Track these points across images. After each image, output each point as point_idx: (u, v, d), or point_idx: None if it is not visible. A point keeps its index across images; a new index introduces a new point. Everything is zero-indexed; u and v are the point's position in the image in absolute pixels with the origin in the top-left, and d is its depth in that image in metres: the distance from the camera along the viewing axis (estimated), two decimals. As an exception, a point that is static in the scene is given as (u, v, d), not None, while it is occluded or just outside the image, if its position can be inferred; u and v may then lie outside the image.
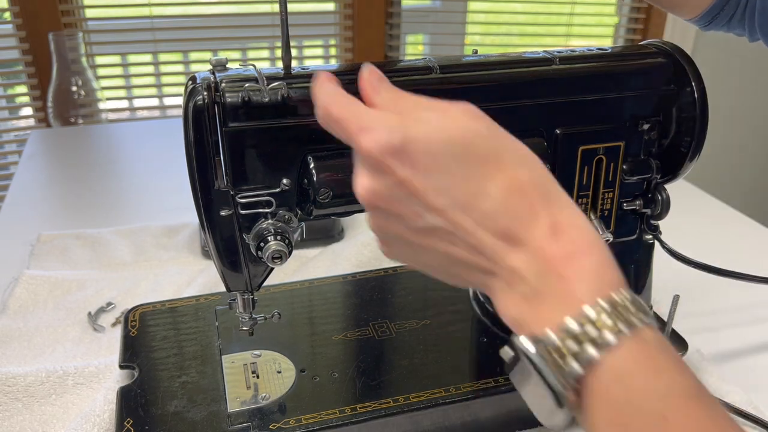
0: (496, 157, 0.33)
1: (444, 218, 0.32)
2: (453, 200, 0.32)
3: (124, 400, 0.53)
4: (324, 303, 0.67)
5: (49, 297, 0.73)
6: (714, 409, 0.28)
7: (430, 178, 0.32)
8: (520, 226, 0.32)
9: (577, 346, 0.29)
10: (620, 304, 0.29)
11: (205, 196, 0.46)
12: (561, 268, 0.31)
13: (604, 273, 0.31)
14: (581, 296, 0.30)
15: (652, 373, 0.28)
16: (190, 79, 0.45)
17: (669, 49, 0.54)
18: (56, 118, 1.42)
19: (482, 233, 0.32)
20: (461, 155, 0.32)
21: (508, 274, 0.32)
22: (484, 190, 0.32)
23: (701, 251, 0.66)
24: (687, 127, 0.54)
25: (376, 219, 0.36)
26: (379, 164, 0.33)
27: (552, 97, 0.51)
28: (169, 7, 1.67)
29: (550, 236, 0.31)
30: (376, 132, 0.32)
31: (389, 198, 0.33)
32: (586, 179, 0.54)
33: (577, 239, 0.31)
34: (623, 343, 0.28)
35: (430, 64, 0.48)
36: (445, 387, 0.54)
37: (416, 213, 0.33)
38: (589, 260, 0.31)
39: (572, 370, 0.29)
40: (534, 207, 0.32)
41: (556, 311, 0.30)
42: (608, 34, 1.97)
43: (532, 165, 0.34)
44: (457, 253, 0.33)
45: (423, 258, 0.36)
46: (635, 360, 0.28)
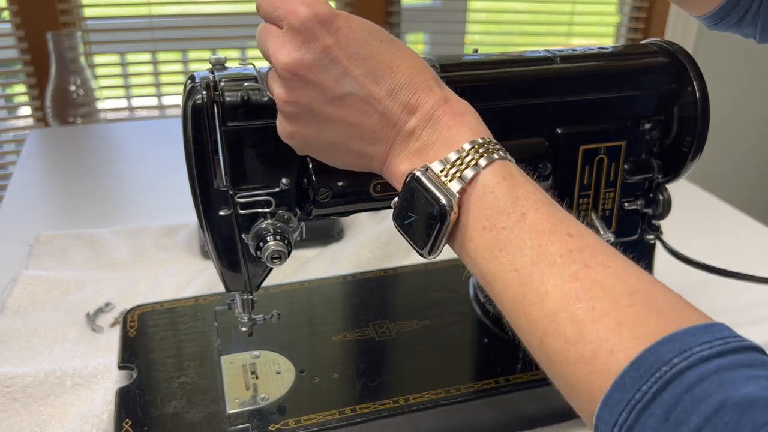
0: (399, 42, 0.39)
1: (360, 86, 0.37)
2: (369, 69, 0.37)
3: (122, 401, 0.53)
4: (324, 303, 0.67)
5: (47, 297, 0.73)
6: (561, 211, 0.35)
7: (351, 48, 0.37)
8: (420, 98, 0.37)
9: (457, 170, 0.35)
10: (491, 142, 0.36)
11: (204, 195, 0.46)
12: (448, 122, 0.37)
13: (480, 127, 0.38)
14: (462, 137, 0.36)
15: (514, 185, 0.35)
16: (189, 78, 0.45)
17: (670, 48, 0.54)
18: (55, 118, 1.42)
19: (390, 101, 0.37)
20: (375, 33, 0.38)
21: (405, 137, 0.38)
22: (395, 64, 0.37)
23: (702, 251, 0.66)
24: (688, 127, 0.54)
25: (292, 90, 0.39)
26: (310, 31, 0.37)
27: (553, 96, 0.51)
28: (168, 7, 1.67)
29: (441, 103, 0.37)
30: (311, 3, 0.37)
31: (312, 64, 0.37)
32: (588, 179, 0.53)
33: (460, 105, 0.38)
34: (492, 166, 0.35)
35: (430, 62, 0.48)
36: (445, 388, 0.54)
37: (335, 80, 0.37)
38: (469, 118, 0.38)
39: (453, 186, 0.35)
40: (429, 82, 0.38)
41: (442, 151, 0.37)
42: (609, 34, 1.97)
43: (422, 59, 0.40)
44: (367, 122, 0.38)
45: (329, 132, 0.39)
46: (502, 176, 0.35)
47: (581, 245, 0.33)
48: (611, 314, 0.30)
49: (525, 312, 0.33)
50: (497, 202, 0.34)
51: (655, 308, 0.30)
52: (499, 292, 0.34)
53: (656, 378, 0.27)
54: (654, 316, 0.29)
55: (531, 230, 0.33)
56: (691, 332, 0.28)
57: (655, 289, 0.31)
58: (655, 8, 1.86)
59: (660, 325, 0.29)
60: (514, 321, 0.34)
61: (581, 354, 0.30)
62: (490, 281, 0.35)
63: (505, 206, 0.34)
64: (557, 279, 0.32)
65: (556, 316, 0.31)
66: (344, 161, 0.41)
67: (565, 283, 0.32)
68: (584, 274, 0.32)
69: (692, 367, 0.27)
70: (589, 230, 0.35)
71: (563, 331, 0.31)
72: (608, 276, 0.31)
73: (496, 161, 0.35)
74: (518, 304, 0.33)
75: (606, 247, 0.33)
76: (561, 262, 0.32)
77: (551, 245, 0.33)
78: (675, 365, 0.27)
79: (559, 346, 0.31)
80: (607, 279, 0.31)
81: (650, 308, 0.30)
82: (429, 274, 0.71)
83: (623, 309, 0.30)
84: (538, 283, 0.32)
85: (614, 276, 0.31)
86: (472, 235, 0.35)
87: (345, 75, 0.37)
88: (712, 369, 0.27)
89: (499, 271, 0.34)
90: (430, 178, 0.36)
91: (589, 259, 0.32)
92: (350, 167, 0.41)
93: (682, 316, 0.30)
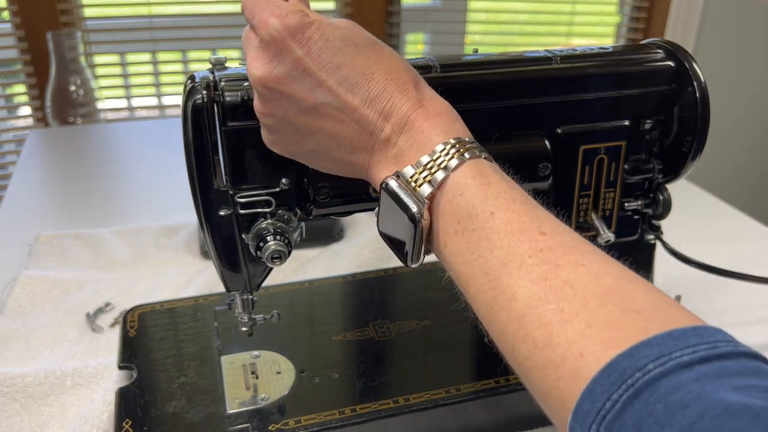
0: (376, 44, 0.38)
1: (334, 95, 0.36)
2: (342, 77, 0.36)
3: (122, 401, 0.53)
4: (324, 303, 0.67)
5: (47, 297, 0.72)
6: (535, 209, 0.33)
7: (323, 58, 0.36)
8: (394, 104, 0.36)
9: (428, 173, 0.34)
10: (465, 141, 0.35)
11: (204, 195, 0.46)
12: (422, 125, 0.36)
13: (454, 126, 0.36)
14: (435, 140, 0.35)
15: (485, 185, 0.34)
16: (189, 78, 0.44)
17: (670, 48, 0.54)
18: (55, 118, 1.42)
19: (366, 109, 0.36)
20: (350, 39, 0.37)
21: (383, 144, 0.37)
22: (370, 70, 0.36)
23: (703, 251, 0.66)
24: (688, 127, 0.53)
25: (266, 103, 0.39)
26: (279, 43, 0.36)
27: (553, 96, 0.51)
28: (168, 6, 1.67)
29: (416, 107, 0.36)
30: (280, 14, 0.37)
31: (284, 77, 0.37)
32: (588, 179, 0.53)
33: (436, 106, 0.37)
34: (464, 165, 0.34)
35: (430, 63, 0.48)
36: (445, 388, 0.54)
37: (308, 90, 0.37)
38: (443, 118, 0.36)
39: (424, 190, 0.34)
40: (405, 86, 0.37)
41: (415, 156, 0.36)
42: (609, 33, 1.97)
43: (402, 58, 0.39)
44: (344, 131, 0.37)
45: (308, 142, 0.39)
46: (473, 176, 0.34)
47: (553, 244, 0.31)
48: (580, 315, 0.28)
49: (496, 317, 0.31)
50: (467, 203, 0.33)
51: (632, 308, 0.28)
52: (474, 298, 0.33)
53: (627, 386, 0.25)
54: (630, 317, 0.27)
55: (500, 230, 0.32)
56: (675, 335, 0.26)
57: (636, 288, 0.29)
58: (655, 8, 1.86)
59: (636, 327, 0.27)
60: (488, 327, 0.33)
61: (550, 359, 0.28)
62: (465, 286, 0.34)
63: (474, 207, 0.33)
64: (525, 280, 0.30)
65: (525, 319, 0.30)
66: (330, 168, 0.41)
67: (534, 284, 0.30)
68: (554, 273, 0.30)
69: (668, 374, 0.24)
70: (566, 227, 0.33)
71: (532, 335, 0.29)
72: (581, 275, 0.29)
73: (467, 161, 0.34)
74: (490, 308, 0.32)
75: (583, 244, 0.32)
76: (530, 262, 0.31)
77: (520, 245, 0.31)
78: (649, 371, 0.25)
79: (529, 351, 0.29)
80: (579, 278, 0.29)
81: (625, 308, 0.28)
82: (429, 274, 0.71)
83: (594, 309, 0.28)
84: (507, 286, 0.31)
85: (588, 274, 0.30)
86: (445, 240, 0.34)
87: (318, 85, 0.36)
88: (691, 377, 0.24)
89: (472, 275, 0.33)
90: (401, 185, 0.35)
91: (560, 257, 0.31)
92: (339, 173, 0.41)
93: (665, 317, 0.27)
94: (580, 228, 0.55)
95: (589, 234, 0.55)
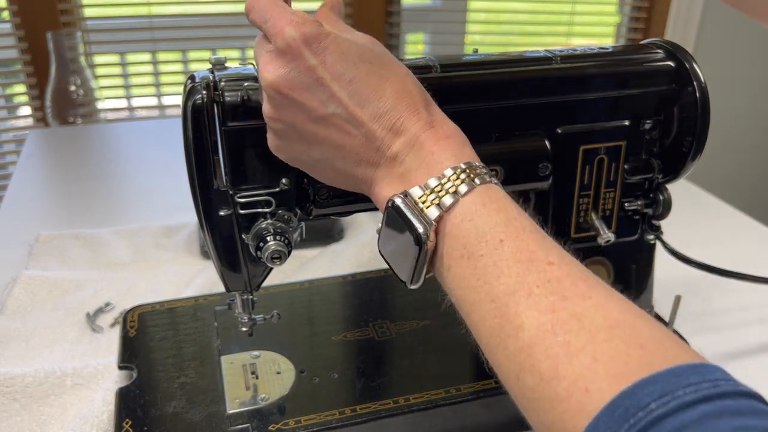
0: (392, 63, 0.38)
1: (344, 108, 0.37)
2: (353, 90, 0.36)
3: (122, 401, 0.53)
4: (324, 303, 0.67)
5: (47, 297, 0.72)
6: (544, 239, 0.33)
7: (337, 69, 0.37)
8: (404, 122, 0.37)
9: (436, 196, 0.34)
10: (474, 166, 0.35)
11: (204, 195, 0.46)
12: (432, 147, 0.36)
13: (464, 150, 0.37)
14: (445, 163, 0.35)
15: (495, 211, 0.34)
16: (189, 78, 0.44)
17: (670, 48, 0.54)
18: (55, 118, 1.42)
19: (374, 124, 0.37)
20: (365, 55, 0.37)
21: (389, 161, 0.37)
22: (382, 87, 0.37)
23: (703, 251, 0.66)
24: (688, 127, 0.53)
25: (276, 108, 0.39)
26: (295, 51, 0.37)
27: (553, 96, 0.51)
28: (168, 6, 1.67)
29: (427, 128, 0.37)
30: (298, 23, 0.37)
31: (297, 84, 0.37)
32: (588, 179, 0.53)
33: (446, 129, 0.37)
34: (474, 191, 0.34)
35: (430, 63, 0.48)
36: (445, 388, 0.54)
37: (319, 100, 0.37)
38: (453, 141, 0.37)
39: (432, 213, 0.34)
40: (416, 106, 0.37)
41: (424, 177, 0.36)
42: (609, 33, 1.97)
43: (415, 79, 0.39)
44: (350, 143, 0.37)
45: (314, 151, 0.39)
46: (483, 203, 0.34)
47: (561, 274, 0.31)
48: (587, 349, 0.28)
49: (502, 345, 0.31)
50: (476, 229, 0.33)
51: (637, 343, 0.28)
52: (477, 324, 0.33)
53: (630, 425, 0.25)
54: (635, 352, 0.27)
55: (509, 258, 0.32)
56: (677, 372, 0.26)
57: (641, 323, 0.29)
58: (655, 8, 1.86)
59: (641, 363, 0.27)
60: (492, 355, 0.32)
61: (556, 392, 0.28)
62: (468, 312, 0.34)
63: (483, 233, 0.33)
64: (533, 310, 0.30)
65: (532, 349, 0.30)
66: (332, 179, 0.41)
67: (542, 315, 0.30)
68: (562, 305, 0.30)
69: (672, 414, 0.24)
70: (572, 258, 0.33)
71: (538, 367, 0.29)
72: (588, 308, 0.29)
73: (477, 187, 0.34)
74: (495, 336, 0.32)
75: (589, 276, 0.32)
76: (538, 293, 0.31)
77: (529, 274, 0.31)
78: (652, 411, 0.25)
79: (535, 382, 0.29)
80: (586, 311, 0.29)
81: (631, 343, 0.28)
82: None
83: (600, 343, 0.28)
84: (514, 315, 0.31)
85: (594, 307, 0.29)
86: (449, 264, 0.34)
87: (330, 96, 0.37)
88: (694, 416, 0.24)
89: (477, 301, 0.33)
90: (408, 205, 0.35)
91: (568, 289, 0.30)
92: (341, 186, 0.41)
93: (668, 353, 0.27)
94: (580, 228, 0.55)
95: (589, 234, 0.55)
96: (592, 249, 0.56)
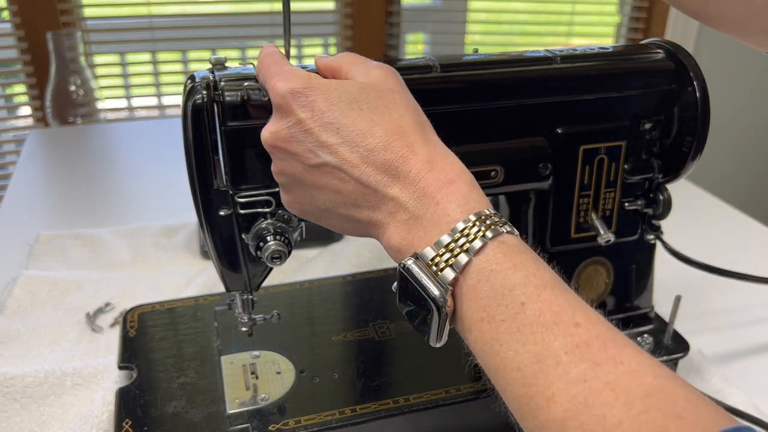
0: (385, 108, 0.38)
1: (334, 154, 0.37)
2: (342, 138, 0.37)
3: (122, 401, 0.53)
4: (324, 303, 0.67)
5: (47, 297, 0.72)
6: (566, 294, 0.32)
7: (324, 119, 0.37)
8: (400, 162, 0.36)
9: (450, 255, 0.33)
10: (485, 215, 0.34)
11: (204, 195, 0.46)
12: (436, 195, 0.35)
13: (471, 195, 0.35)
14: (453, 215, 0.34)
15: (512, 269, 0.32)
16: (189, 78, 0.44)
17: (671, 48, 0.54)
18: (55, 118, 1.42)
19: (366, 166, 0.36)
20: (354, 102, 0.38)
21: (390, 204, 0.36)
22: (371, 131, 0.37)
23: (703, 251, 0.66)
24: (688, 127, 0.53)
25: (277, 162, 0.40)
26: (283, 106, 0.38)
27: (553, 96, 0.51)
28: (168, 6, 1.67)
29: (426, 169, 0.36)
30: (286, 79, 0.38)
31: (288, 137, 0.38)
32: (588, 179, 0.53)
33: (449, 170, 0.36)
34: (487, 246, 0.33)
35: (430, 63, 0.48)
36: (445, 388, 0.54)
37: (310, 150, 0.38)
38: (458, 186, 0.35)
39: (447, 275, 0.33)
40: (413, 145, 0.36)
41: (433, 232, 0.34)
42: (609, 33, 1.97)
43: (415, 113, 0.39)
44: (346, 188, 0.37)
45: (318, 199, 0.39)
46: (497, 260, 0.33)
47: (589, 337, 0.30)
48: (624, 424, 0.27)
49: (532, 414, 0.30)
50: (493, 291, 0.32)
51: (674, 412, 0.27)
52: (504, 389, 0.32)
53: None
54: (673, 423, 0.26)
55: (533, 323, 0.31)
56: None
57: (674, 387, 0.28)
58: (656, 8, 1.86)
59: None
60: (522, 422, 0.31)
61: None
62: (493, 376, 0.32)
63: (503, 296, 0.32)
64: (563, 381, 0.29)
65: (566, 424, 0.28)
66: (344, 228, 0.41)
67: (573, 386, 0.29)
68: (593, 374, 0.29)
69: None
70: (598, 315, 0.32)
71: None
72: (620, 375, 0.28)
73: (489, 243, 0.33)
74: (524, 405, 0.31)
75: (617, 336, 0.30)
76: (567, 360, 0.29)
77: (555, 340, 0.30)
78: None
79: None
80: (620, 379, 0.28)
81: (668, 413, 0.27)
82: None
83: (637, 416, 0.27)
84: (544, 386, 0.29)
85: (627, 375, 0.28)
86: (470, 326, 0.33)
87: (319, 146, 0.37)
88: None
89: (502, 367, 0.31)
90: (421, 268, 0.34)
91: (598, 354, 0.29)
92: (353, 234, 0.41)
93: (706, 420, 0.27)
94: (580, 228, 0.55)
95: (589, 234, 0.55)
96: (592, 249, 0.56)
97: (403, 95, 0.39)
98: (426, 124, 0.39)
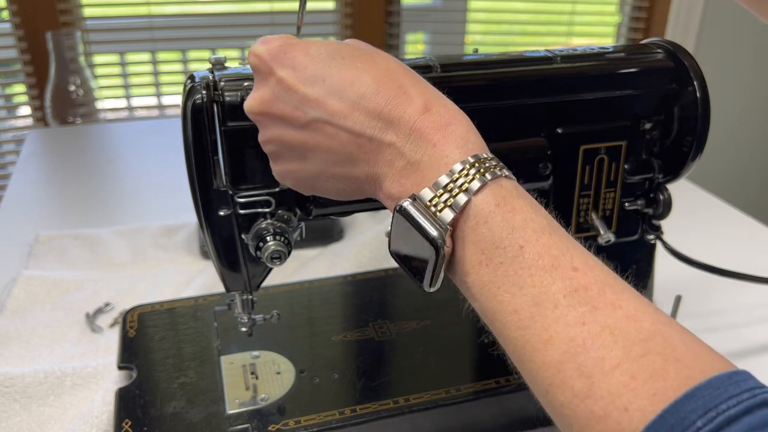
0: (369, 57, 0.37)
1: (321, 108, 0.35)
2: (328, 89, 0.35)
3: (122, 401, 0.53)
4: (323, 303, 0.67)
5: (47, 297, 0.72)
6: (565, 239, 0.32)
7: (306, 73, 0.36)
8: (392, 106, 0.34)
9: (449, 196, 0.32)
10: (484, 158, 0.33)
11: (204, 195, 0.46)
12: (433, 137, 0.34)
13: (469, 137, 0.34)
14: (451, 156, 0.33)
15: (511, 213, 0.32)
16: (188, 77, 0.44)
17: (671, 47, 0.54)
18: (54, 118, 1.42)
19: (358, 114, 0.35)
20: (337, 52, 0.36)
21: (387, 152, 0.35)
22: (358, 78, 0.35)
23: (703, 251, 0.66)
24: (689, 127, 0.53)
25: (263, 130, 0.39)
26: (263, 69, 0.37)
27: (553, 96, 0.51)
28: (168, 6, 1.67)
29: (421, 112, 0.34)
30: (264, 41, 0.38)
31: (271, 99, 0.37)
32: (588, 179, 0.53)
33: (445, 113, 0.35)
34: (486, 188, 0.32)
35: (430, 62, 0.48)
36: (445, 388, 0.54)
37: (296, 107, 0.36)
38: (456, 128, 0.34)
39: (446, 216, 0.32)
40: (404, 88, 0.35)
41: (430, 174, 0.33)
42: (610, 33, 1.97)
43: (399, 62, 0.38)
44: (339, 142, 0.36)
45: (310, 162, 0.38)
46: (496, 202, 0.32)
47: (588, 282, 0.30)
48: (623, 365, 0.27)
49: (528, 358, 0.30)
50: (491, 234, 0.31)
51: (673, 356, 0.27)
52: (500, 333, 0.32)
53: None
54: (672, 366, 0.26)
55: (531, 266, 0.30)
56: (715, 385, 0.26)
57: (672, 332, 0.28)
58: (656, 8, 1.86)
59: (680, 377, 0.26)
60: (518, 365, 0.31)
61: (591, 410, 0.27)
62: (490, 320, 0.32)
63: (501, 239, 0.31)
64: (561, 324, 0.29)
65: (563, 366, 0.28)
66: (339, 191, 0.39)
67: (571, 329, 0.29)
68: (591, 317, 0.29)
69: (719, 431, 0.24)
70: (596, 260, 0.31)
71: (570, 384, 0.28)
72: (619, 319, 0.28)
73: (488, 184, 0.32)
74: (520, 348, 0.30)
75: (616, 281, 0.30)
76: (565, 303, 0.29)
77: (554, 283, 0.30)
78: (699, 429, 0.24)
79: (567, 399, 0.28)
80: (618, 322, 0.28)
81: (668, 356, 0.27)
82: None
83: (636, 359, 0.27)
84: (541, 329, 0.29)
85: (625, 318, 0.28)
86: (468, 270, 0.32)
87: (305, 101, 0.36)
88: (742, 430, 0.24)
89: (499, 310, 0.31)
90: (419, 209, 0.33)
91: (596, 298, 0.29)
92: (348, 196, 0.39)
93: (704, 363, 0.27)
94: (581, 228, 0.55)
95: (589, 234, 0.55)
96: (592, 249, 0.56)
97: (382, 51, 0.38)
98: (414, 72, 0.37)
